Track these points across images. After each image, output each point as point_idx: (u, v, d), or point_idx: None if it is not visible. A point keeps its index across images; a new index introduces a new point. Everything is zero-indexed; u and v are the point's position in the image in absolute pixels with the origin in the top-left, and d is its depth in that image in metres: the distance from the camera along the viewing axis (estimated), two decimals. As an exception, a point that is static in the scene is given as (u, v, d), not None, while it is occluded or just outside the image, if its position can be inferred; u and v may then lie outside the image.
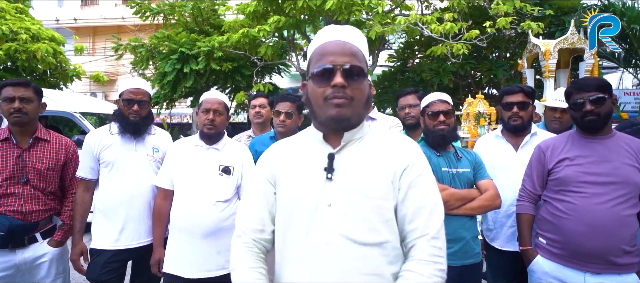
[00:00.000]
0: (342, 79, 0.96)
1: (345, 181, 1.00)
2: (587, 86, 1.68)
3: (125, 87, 2.07)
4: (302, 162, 1.06)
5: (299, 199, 1.01)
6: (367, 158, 1.03)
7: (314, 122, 1.09)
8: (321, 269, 0.96)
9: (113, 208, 2.01)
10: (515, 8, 6.42)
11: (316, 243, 0.97)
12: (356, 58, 1.00)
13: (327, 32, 1.06)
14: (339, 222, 0.97)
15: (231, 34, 7.41)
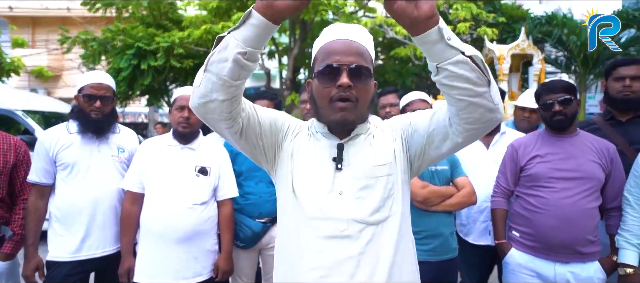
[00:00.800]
0: (348, 79, 0.95)
1: (354, 170, 1.01)
2: (555, 88, 1.79)
3: (85, 82, 1.88)
4: (308, 153, 1.05)
5: (310, 189, 1.01)
6: (371, 147, 1.04)
7: (317, 117, 1.07)
8: (334, 254, 0.96)
9: (73, 215, 1.82)
10: (472, 14, 6.77)
11: (327, 230, 0.97)
12: (363, 57, 0.99)
13: (334, 30, 1.04)
14: (351, 208, 0.98)
15: (192, 29, 7.12)
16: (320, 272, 0.96)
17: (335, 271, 0.95)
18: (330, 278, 0.95)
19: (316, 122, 1.08)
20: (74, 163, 1.83)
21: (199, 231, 1.85)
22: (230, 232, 1.99)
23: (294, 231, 1.02)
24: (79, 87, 1.89)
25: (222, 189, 1.97)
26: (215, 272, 1.92)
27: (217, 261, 1.92)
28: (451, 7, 6.85)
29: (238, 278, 2.20)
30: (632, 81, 1.89)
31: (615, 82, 1.94)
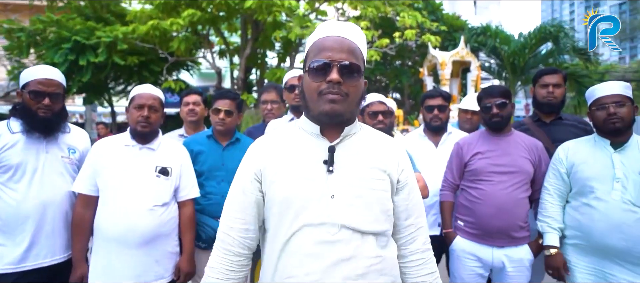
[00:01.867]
0: (337, 76, 0.95)
1: (346, 173, 1.00)
2: (493, 93, 2.02)
3: (31, 77, 1.74)
4: (297, 155, 1.03)
5: (300, 192, 0.99)
6: (363, 153, 1.04)
7: (307, 115, 1.06)
8: (327, 260, 0.96)
9: (17, 221, 1.67)
10: (418, 22, 7.22)
11: (319, 236, 0.97)
12: (354, 55, 0.99)
13: (327, 27, 1.04)
14: (343, 212, 0.98)
15: (137, 25, 6.75)
16: (315, 276, 0.96)
17: (325, 273, 0.96)
18: (324, 280, 0.95)
19: (306, 122, 1.06)
20: (18, 165, 1.68)
21: (160, 233, 1.80)
22: (192, 233, 1.96)
23: (284, 238, 1.00)
24: (24, 83, 1.75)
25: (183, 190, 1.93)
26: (177, 274, 1.88)
27: (178, 263, 1.89)
28: (398, 14, 7.24)
29: (199, 280, 2.17)
30: (555, 88, 2.20)
31: (541, 89, 2.24)
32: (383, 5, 7.28)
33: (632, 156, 1.70)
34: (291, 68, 8.52)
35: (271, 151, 1.07)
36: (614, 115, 1.70)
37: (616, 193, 1.67)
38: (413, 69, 10.20)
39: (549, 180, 1.91)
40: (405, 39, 6.82)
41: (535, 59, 10.10)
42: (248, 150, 1.14)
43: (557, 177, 1.87)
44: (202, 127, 2.60)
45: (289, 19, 7.09)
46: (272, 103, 2.53)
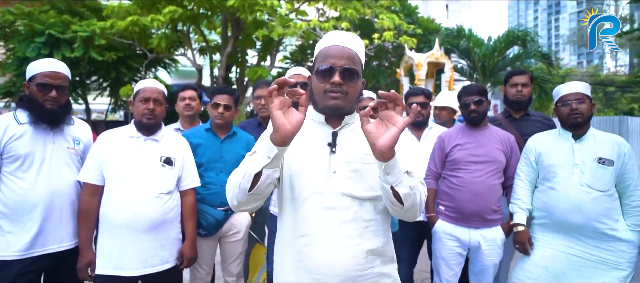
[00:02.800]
0: (339, 78, 1.16)
1: (346, 153, 1.21)
2: (471, 91, 2.25)
3: (39, 70, 1.78)
4: (307, 139, 1.23)
5: (308, 168, 1.19)
6: (359, 138, 1.22)
7: (315, 108, 1.27)
8: (328, 222, 1.17)
9: (25, 210, 1.71)
10: (395, 24, 7.50)
11: (324, 201, 1.17)
12: (353, 61, 1.19)
13: (331, 37, 1.24)
14: (343, 184, 1.18)
15: (116, 20, 6.63)
16: (319, 236, 1.16)
17: (329, 231, 1.16)
18: (327, 241, 1.15)
19: (314, 113, 1.27)
20: (26, 155, 1.73)
21: (166, 220, 1.89)
22: (193, 220, 2.06)
23: (295, 204, 1.20)
24: (30, 75, 1.79)
25: (185, 179, 2.03)
26: (180, 260, 1.98)
27: (181, 249, 1.98)
28: (377, 16, 7.49)
29: (199, 267, 2.27)
30: (523, 87, 2.47)
31: (511, 88, 2.50)
32: (362, 7, 7.51)
33: (589, 146, 1.97)
34: (271, 66, 8.61)
35: None
36: (576, 111, 1.96)
37: (575, 177, 1.92)
38: (390, 70, 10.52)
39: (521, 167, 2.15)
40: (383, 40, 7.07)
41: (503, 61, 10.78)
42: (266, 130, 1.28)
43: (528, 164, 2.12)
44: (198, 121, 2.68)
45: (271, 18, 7.18)
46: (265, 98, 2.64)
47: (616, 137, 1.99)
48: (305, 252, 1.18)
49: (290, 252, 1.22)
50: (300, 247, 1.19)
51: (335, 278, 1.16)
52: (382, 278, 1.21)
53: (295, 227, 1.21)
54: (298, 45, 10.03)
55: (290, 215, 1.22)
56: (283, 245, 1.25)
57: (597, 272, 1.85)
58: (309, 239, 1.17)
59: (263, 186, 1.09)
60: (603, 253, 1.87)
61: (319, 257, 1.16)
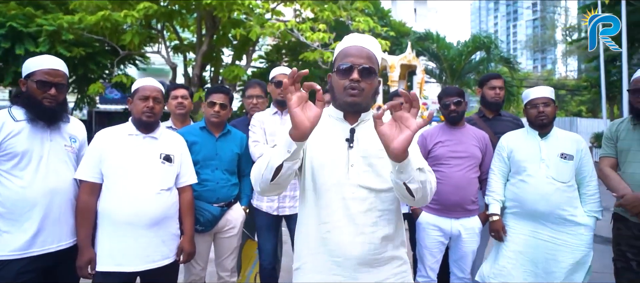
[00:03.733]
0: (357, 76, 1.25)
1: (362, 148, 1.31)
2: (451, 93, 2.45)
3: (37, 67, 1.76)
4: (327, 134, 1.33)
5: (328, 161, 1.30)
6: (374, 133, 1.28)
7: (334, 104, 1.36)
8: (347, 210, 1.27)
9: (23, 208, 1.69)
10: (370, 27, 7.73)
11: (343, 192, 1.28)
12: (370, 60, 1.29)
13: (351, 38, 1.33)
14: (360, 177, 1.29)
15: (84, 14, 6.37)
16: (339, 223, 1.27)
17: (348, 219, 1.27)
18: (346, 228, 1.26)
19: (333, 110, 1.37)
20: (24, 153, 1.70)
21: (166, 216, 1.93)
22: (191, 216, 2.10)
23: (317, 194, 1.30)
24: (28, 72, 1.76)
25: (183, 176, 2.07)
26: (179, 255, 2.02)
27: (181, 244, 2.03)
28: (353, 18, 7.70)
29: (194, 263, 2.31)
30: (500, 90, 2.71)
31: (490, 90, 2.74)
32: (338, 9, 7.68)
33: (553, 143, 2.22)
34: (248, 66, 8.59)
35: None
36: (543, 113, 2.21)
37: (542, 171, 2.17)
38: (363, 71, 10.77)
39: (495, 163, 2.38)
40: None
41: (469, 65, 11.42)
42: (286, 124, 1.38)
43: (501, 160, 2.34)
44: (189, 120, 2.70)
45: (248, 17, 7.17)
46: (257, 97, 2.73)
47: (575, 135, 2.26)
48: (326, 238, 1.29)
49: (312, 237, 1.33)
50: (323, 234, 1.29)
51: (353, 261, 1.27)
52: (394, 261, 1.34)
53: (317, 215, 1.31)
54: (273, 45, 10.03)
55: (312, 203, 1.33)
56: (305, 231, 1.35)
57: (561, 253, 2.10)
58: (330, 226, 1.28)
59: (284, 177, 1.17)
60: (565, 236, 2.12)
61: (339, 242, 1.27)
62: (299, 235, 1.39)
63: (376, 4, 10.65)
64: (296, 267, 1.40)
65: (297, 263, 1.39)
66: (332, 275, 1.29)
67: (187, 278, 2.36)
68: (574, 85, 27.72)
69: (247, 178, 2.54)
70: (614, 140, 2.17)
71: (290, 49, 9.87)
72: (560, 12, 58.65)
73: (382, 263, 1.31)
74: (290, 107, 1.08)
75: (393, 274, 1.33)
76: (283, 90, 1.07)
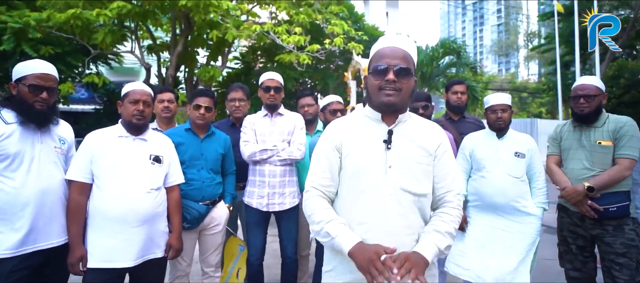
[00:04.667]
0: (393, 76, 1.26)
1: (400, 150, 1.31)
2: (420, 98, 2.69)
3: (29, 71, 1.80)
4: (365, 135, 1.34)
5: (366, 163, 1.30)
6: (412, 135, 1.33)
7: (370, 105, 1.37)
8: (385, 211, 1.28)
9: (15, 208, 1.73)
10: (344, 30, 7.95)
11: (381, 194, 1.28)
12: (405, 61, 1.29)
13: (386, 39, 1.36)
14: (397, 179, 1.28)
15: (53, 12, 6.18)
16: (375, 231, 1.27)
17: (385, 220, 1.28)
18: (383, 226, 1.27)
19: (370, 110, 1.37)
20: (16, 154, 1.75)
21: (156, 214, 2.03)
22: (179, 214, 2.21)
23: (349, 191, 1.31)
24: (20, 76, 1.81)
25: (171, 176, 2.17)
26: (167, 251, 2.12)
27: (169, 240, 2.12)
28: (328, 22, 7.89)
29: (180, 259, 2.41)
30: (461, 95, 2.99)
31: (453, 95, 3.01)
32: (313, 12, 7.85)
33: (508, 143, 2.50)
34: (223, 67, 8.59)
35: (347, 130, 1.39)
36: (500, 118, 2.48)
37: (499, 167, 2.44)
38: (337, 73, 11.01)
39: (458, 161, 2.63)
40: (334, 45, 7.48)
41: (438, 69, 11.96)
42: (327, 128, 1.46)
43: (464, 158, 2.60)
44: (174, 122, 2.79)
45: (224, 19, 7.18)
46: (239, 101, 2.85)
47: (526, 136, 2.55)
48: (364, 238, 1.26)
49: None
50: (360, 234, 1.27)
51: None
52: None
53: (354, 216, 1.31)
54: (249, 46, 10.06)
55: (350, 204, 1.32)
56: None
57: (515, 239, 2.38)
58: (367, 227, 1.28)
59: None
60: (518, 225, 2.40)
61: (376, 242, 1.24)
62: None
63: (350, 7, 10.91)
64: (328, 269, 1.40)
65: (330, 265, 1.40)
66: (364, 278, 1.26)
67: (173, 274, 2.46)
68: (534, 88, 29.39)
69: (230, 177, 2.67)
70: (558, 140, 2.48)
71: (266, 50, 9.93)
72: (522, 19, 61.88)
73: None
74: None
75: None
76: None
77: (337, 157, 1.37)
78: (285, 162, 2.58)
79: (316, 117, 3.00)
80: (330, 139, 1.40)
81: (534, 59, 41.79)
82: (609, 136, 2.21)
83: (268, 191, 2.56)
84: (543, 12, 21.46)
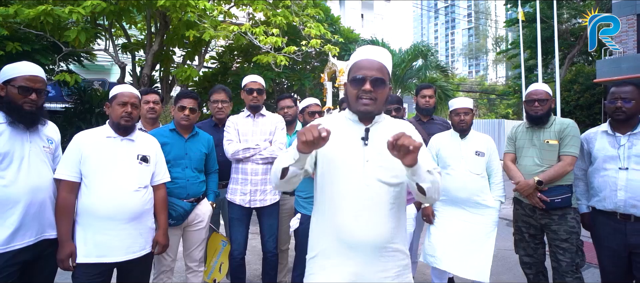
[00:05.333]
0: (369, 86, 1.39)
1: (376, 146, 1.44)
2: (392, 101, 2.91)
3: (18, 73, 1.85)
4: (345, 133, 1.48)
5: (345, 157, 1.44)
6: (387, 133, 1.40)
7: (350, 109, 1.51)
8: (362, 201, 1.41)
9: (6, 205, 1.78)
10: (320, 33, 8.13)
11: (358, 185, 1.41)
12: (381, 72, 1.41)
13: (363, 51, 1.48)
14: (374, 171, 1.42)
15: (21, 7, 5.98)
16: (355, 211, 1.40)
17: (364, 211, 1.40)
18: (361, 216, 1.39)
19: (350, 113, 1.51)
20: (6, 154, 1.80)
21: (143, 211, 2.13)
22: (165, 211, 2.31)
23: (335, 186, 1.42)
24: (8, 78, 1.86)
25: (157, 175, 2.27)
26: (154, 247, 2.22)
27: (156, 237, 2.22)
28: (305, 24, 8.05)
29: (165, 255, 2.50)
30: (430, 98, 3.23)
31: (421, 98, 3.25)
32: (290, 14, 7.99)
33: (470, 143, 2.75)
34: (200, 67, 8.57)
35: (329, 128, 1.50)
36: (463, 121, 2.73)
37: (462, 165, 2.69)
38: (313, 74, 11.18)
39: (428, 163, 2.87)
40: (311, 47, 7.64)
41: (410, 71, 12.41)
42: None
43: (431, 157, 2.84)
44: (159, 123, 2.87)
45: (205, 22, 7.19)
46: (222, 102, 2.97)
47: (486, 136, 2.83)
48: (342, 226, 1.40)
49: (328, 226, 1.46)
50: (338, 222, 1.41)
51: (366, 248, 1.41)
52: (398, 253, 1.48)
53: (333, 206, 1.44)
54: (226, 46, 10.06)
55: (329, 195, 1.45)
56: (322, 221, 1.49)
57: (475, 229, 2.64)
58: (346, 215, 1.41)
59: (289, 177, 1.36)
60: (478, 217, 2.66)
61: (353, 230, 1.39)
62: (316, 226, 1.53)
63: (327, 9, 11.12)
64: (312, 255, 1.52)
65: (313, 252, 1.51)
66: (345, 260, 1.41)
67: (158, 269, 2.55)
68: (502, 90, 30.77)
69: (213, 176, 2.79)
70: (513, 139, 2.76)
71: (242, 50, 9.97)
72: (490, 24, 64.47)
73: (390, 252, 1.44)
74: (304, 143, 1.26)
75: (397, 265, 1.46)
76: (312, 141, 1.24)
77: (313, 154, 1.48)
78: (267, 160, 2.72)
79: (295, 118, 3.16)
80: None
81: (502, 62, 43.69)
82: (556, 136, 2.51)
83: (250, 188, 2.70)
84: (509, 18, 22.61)
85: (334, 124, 1.55)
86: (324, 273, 1.46)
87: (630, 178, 2.17)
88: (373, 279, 1.44)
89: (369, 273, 1.43)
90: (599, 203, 2.31)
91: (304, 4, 8.46)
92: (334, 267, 1.44)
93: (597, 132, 2.42)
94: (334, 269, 1.44)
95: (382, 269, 1.43)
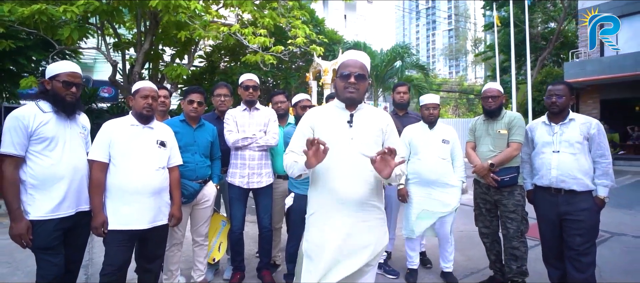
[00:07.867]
0: (354, 80, 1.79)
1: (359, 127, 1.83)
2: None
3: (61, 70, 2.20)
4: (333, 118, 1.87)
5: (335, 136, 1.81)
6: (367, 117, 1.84)
7: (338, 98, 1.90)
8: (348, 168, 1.79)
9: (53, 181, 2.11)
10: (306, 34, 8.55)
11: (345, 158, 1.79)
12: (362, 69, 1.82)
13: (349, 53, 1.88)
14: (358, 147, 1.80)
15: (14, 5, 6.16)
16: (343, 176, 1.77)
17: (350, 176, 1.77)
18: (348, 180, 1.77)
19: (338, 102, 1.90)
20: (53, 137, 2.15)
21: (163, 188, 2.51)
22: (179, 189, 2.69)
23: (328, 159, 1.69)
24: (53, 74, 2.21)
25: (172, 158, 2.65)
26: (169, 219, 2.60)
27: (172, 211, 2.60)
28: (291, 25, 8.46)
29: (177, 229, 2.89)
30: (404, 94, 3.73)
31: (397, 95, 3.75)
32: (278, 16, 8.38)
33: (437, 132, 3.25)
34: (190, 65, 8.85)
35: (320, 115, 1.93)
36: (431, 114, 3.23)
37: (431, 152, 3.19)
38: (298, 73, 11.60)
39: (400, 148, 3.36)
40: (296, 46, 8.05)
41: (391, 71, 13.05)
42: (305, 114, 2.01)
43: (404, 145, 3.32)
44: (167, 115, 3.23)
45: (193, 20, 7.48)
46: (224, 96, 3.37)
47: (450, 127, 3.34)
48: (333, 188, 1.79)
49: (323, 188, 1.83)
50: (330, 185, 1.80)
51: (353, 201, 1.78)
52: (376, 209, 1.86)
53: (327, 173, 1.81)
54: (214, 45, 10.35)
55: (325, 166, 1.77)
56: (321, 184, 1.84)
57: (440, 206, 3.14)
58: (337, 177, 1.79)
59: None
60: (444, 196, 3.17)
61: (342, 188, 1.77)
62: (314, 190, 1.89)
63: (312, 11, 11.55)
64: (311, 213, 1.89)
65: (312, 210, 1.88)
66: (337, 212, 1.78)
67: (170, 242, 2.93)
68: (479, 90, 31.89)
69: (217, 162, 3.18)
70: (473, 130, 3.28)
71: (230, 50, 10.28)
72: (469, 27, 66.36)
73: (370, 207, 1.83)
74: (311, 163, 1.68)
75: (375, 218, 1.86)
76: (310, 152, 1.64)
77: (310, 132, 1.91)
78: (262, 148, 3.14)
79: (287, 112, 3.58)
80: (307, 120, 1.95)
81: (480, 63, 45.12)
82: (506, 126, 3.03)
83: (248, 171, 3.11)
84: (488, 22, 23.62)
85: (325, 111, 1.98)
86: (319, 226, 1.86)
87: (561, 160, 2.69)
88: (358, 228, 1.81)
89: (354, 221, 1.81)
90: (539, 181, 2.84)
91: (289, 5, 8.86)
92: (328, 220, 1.83)
93: (538, 123, 2.95)
94: (328, 223, 1.83)
95: (363, 219, 1.84)
